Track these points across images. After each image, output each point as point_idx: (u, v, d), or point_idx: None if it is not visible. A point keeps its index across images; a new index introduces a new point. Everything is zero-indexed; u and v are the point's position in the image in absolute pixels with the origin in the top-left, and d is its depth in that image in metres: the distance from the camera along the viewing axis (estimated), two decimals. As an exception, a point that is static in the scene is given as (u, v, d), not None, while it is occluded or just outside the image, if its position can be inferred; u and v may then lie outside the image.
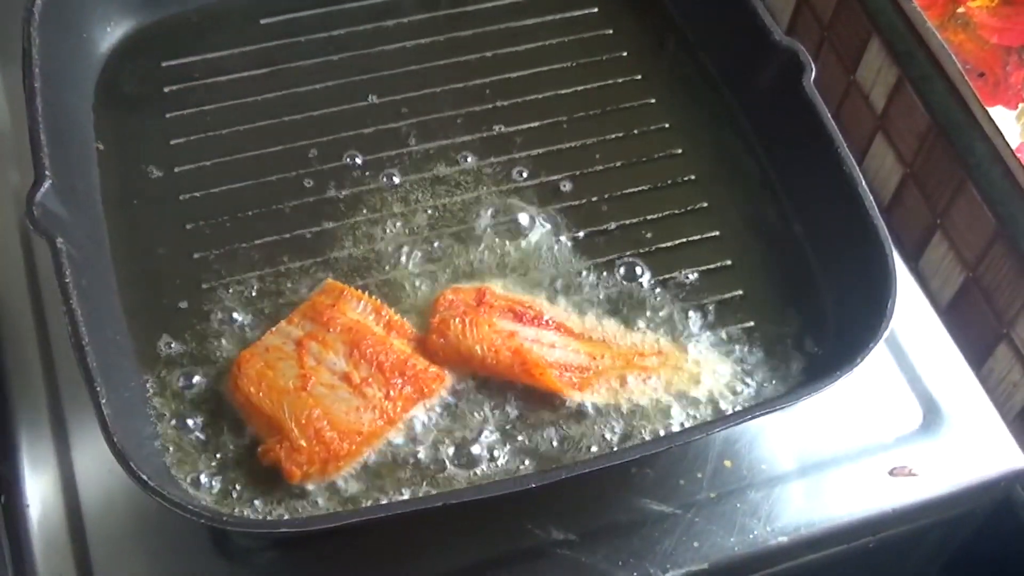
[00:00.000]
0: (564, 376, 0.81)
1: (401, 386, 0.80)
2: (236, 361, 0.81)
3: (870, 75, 1.06)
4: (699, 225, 0.93)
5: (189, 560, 0.77)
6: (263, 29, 1.02)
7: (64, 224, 0.80)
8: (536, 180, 0.95)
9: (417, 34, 1.04)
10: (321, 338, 0.81)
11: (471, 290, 0.85)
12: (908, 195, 1.04)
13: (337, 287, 0.84)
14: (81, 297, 0.77)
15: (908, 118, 1.01)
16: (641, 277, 0.89)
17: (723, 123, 0.99)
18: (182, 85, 0.98)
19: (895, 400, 0.87)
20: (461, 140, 0.97)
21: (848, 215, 0.85)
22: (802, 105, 0.89)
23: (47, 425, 0.83)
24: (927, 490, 0.83)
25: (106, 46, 0.99)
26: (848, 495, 0.83)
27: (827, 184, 0.87)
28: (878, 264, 0.82)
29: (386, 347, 0.81)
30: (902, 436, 0.86)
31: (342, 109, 0.98)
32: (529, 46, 1.03)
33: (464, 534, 0.78)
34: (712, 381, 0.84)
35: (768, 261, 0.91)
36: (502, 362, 0.80)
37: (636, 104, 1.00)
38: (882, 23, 1.03)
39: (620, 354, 0.83)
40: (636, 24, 1.06)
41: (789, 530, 0.81)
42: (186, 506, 0.70)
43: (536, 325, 0.83)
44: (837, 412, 0.85)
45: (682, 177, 0.96)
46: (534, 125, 0.98)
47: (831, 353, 0.83)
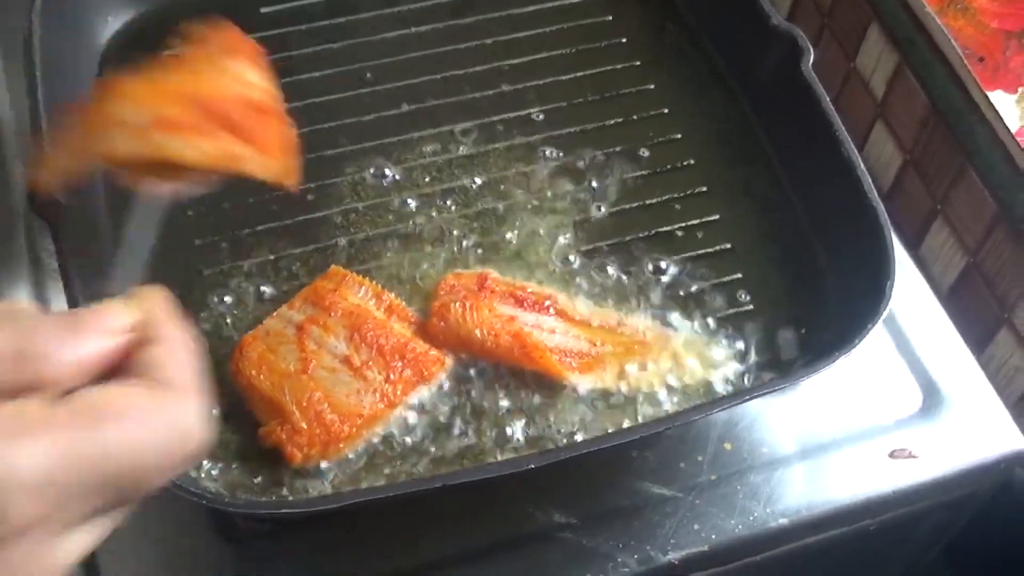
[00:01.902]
0: (564, 361, 0.81)
1: (401, 369, 0.80)
2: (238, 345, 0.81)
3: (870, 62, 1.06)
4: (698, 209, 0.93)
5: (192, 543, 0.78)
6: (263, 17, 1.03)
7: (66, 211, 0.80)
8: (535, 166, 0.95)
9: (418, 21, 1.04)
10: (322, 322, 0.81)
11: (472, 275, 0.85)
12: (908, 181, 1.04)
13: (339, 272, 0.85)
14: (83, 283, 0.77)
15: (908, 104, 1.01)
16: (640, 262, 0.89)
17: (722, 108, 0.99)
18: (182, 74, 0.99)
19: (895, 383, 0.88)
20: (461, 127, 0.97)
21: (847, 197, 0.85)
22: (801, 89, 0.89)
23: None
24: (927, 472, 0.83)
25: (106, 36, 1.00)
26: (848, 477, 0.83)
27: (826, 167, 0.87)
28: (877, 245, 0.82)
29: (387, 331, 0.81)
30: (902, 419, 0.86)
31: (343, 96, 0.98)
32: (529, 32, 1.04)
33: (466, 517, 0.79)
34: (711, 364, 0.84)
35: (768, 244, 0.91)
36: (502, 346, 0.80)
37: (635, 90, 1.00)
38: (882, 9, 1.03)
39: (620, 339, 0.84)
40: (635, 10, 1.06)
41: (790, 512, 0.81)
42: (189, 488, 0.70)
43: (536, 310, 0.84)
44: (837, 395, 0.86)
45: (681, 162, 0.96)
46: (533, 111, 0.98)
47: (831, 335, 0.83)
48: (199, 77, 0.68)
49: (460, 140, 0.96)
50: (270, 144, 0.69)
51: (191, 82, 0.68)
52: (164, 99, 0.65)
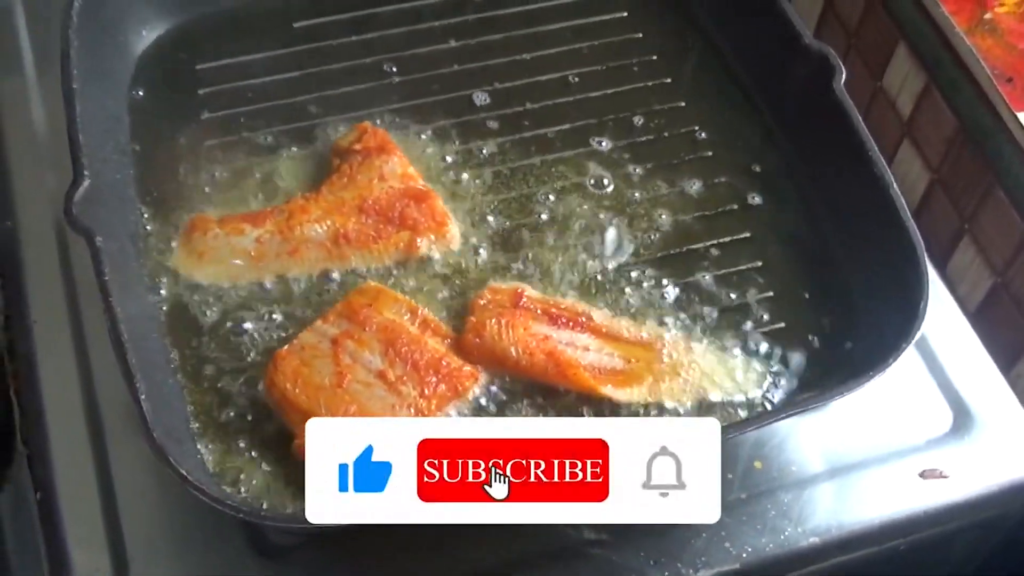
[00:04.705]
0: (598, 378, 0.82)
1: (435, 384, 0.80)
2: (272, 358, 0.81)
3: (897, 81, 1.06)
4: (730, 227, 0.93)
5: (224, 556, 0.78)
6: (296, 32, 1.03)
7: (101, 223, 0.81)
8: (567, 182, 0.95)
9: (448, 37, 1.04)
10: (357, 336, 0.81)
11: (507, 290, 0.85)
12: (935, 201, 1.04)
13: (373, 287, 0.85)
14: (118, 295, 0.78)
15: (935, 124, 1.02)
16: (672, 278, 0.89)
17: (752, 125, 0.99)
18: (216, 87, 0.99)
19: (925, 403, 0.88)
20: (496, 142, 0.97)
21: (879, 216, 0.86)
22: (832, 108, 0.89)
23: (83, 422, 0.83)
24: (958, 492, 0.84)
25: (141, 49, 1.00)
26: (879, 497, 0.83)
27: (858, 186, 0.88)
28: (910, 265, 0.82)
29: (421, 346, 0.81)
30: (932, 439, 0.86)
31: (373, 112, 0.98)
32: (559, 49, 1.04)
33: (498, 532, 0.78)
34: (743, 382, 0.84)
35: (799, 262, 0.91)
36: (536, 364, 0.81)
37: (665, 107, 1.01)
38: (909, 29, 1.03)
39: (653, 356, 0.84)
40: (665, 28, 1.07)
41: (820, 531, 0.81)
42: (226, 502, 0.71)
43: (570, 328, 0.84)
44: (867, 414, 0.86)
45: (712, 179, 0.96)
46: (564, 127, 0.99)
47: (861, 354, 0.83)
48: (362, 188, 0.88)
49: (487, 156, 0.96)
50: (430, 223, 0.88)
51: (357, 194, 0.87)
52: (339, 216, 0.86)
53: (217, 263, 0.87)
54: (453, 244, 0.89)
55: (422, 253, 0.88)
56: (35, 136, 0.98)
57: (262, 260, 0.87)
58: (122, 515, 0.79)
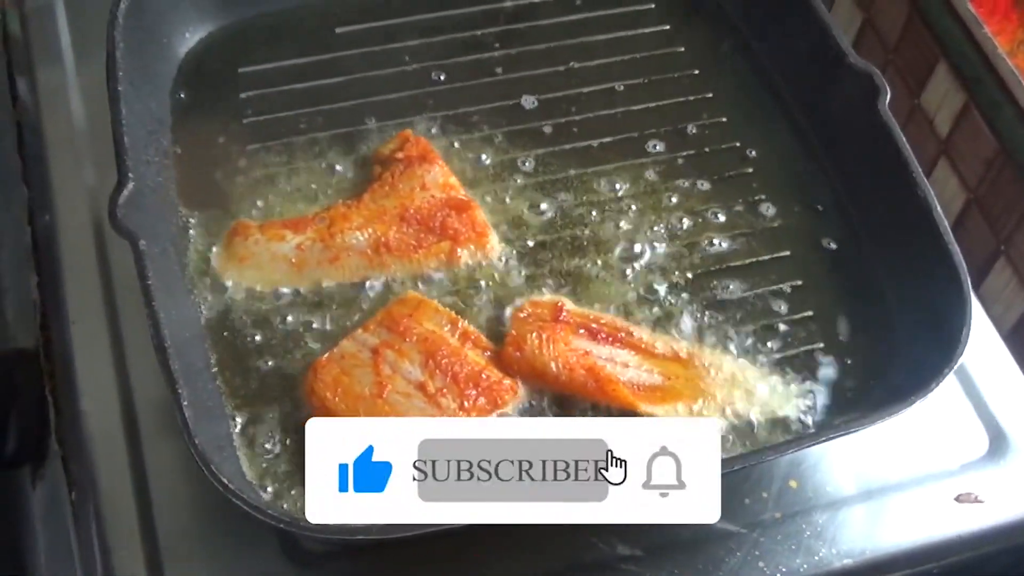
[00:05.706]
0: (637, 394, 0.82)
1: (475, 397, 0.80)
2: (312, 366, 0.82)
3: (935, 99, 1.06)
4: (770, 245, 0.93)
5: (258, 562, 0.78)
6: (339, 38, 1.03)
7: (144, 226, 0.81)
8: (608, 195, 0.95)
9: (489, 47, 1.05)
10: (397, 347, 0.81)
11: (548, 304, 0.85)
12: (971, 220, 1.04)
13: (414, 298, 0.85)
14: (161, 299, 0.78)
15: (973, 143, 1.01)
16: (712, 297, 0.89)
17: (794, 143, 0.99)
18: (258, 91, 1.00)
19: (961, 426, 0.88)
20: (535, 152, 0.97)
21: (921, 239, 0.85)
22: (876, 128, 0.89)
23: (119, 421, 0.84)
24: (993, 517, 0.83)
25: (184, 51, 1.01)
26: (914, 520, 0.83)
27: (900, 208, 0.88)
28: (952, 290, 0.82)
29: (461, 358, 0.81)
30: (968, 462, 0.86)
31: (414, 119, 0.99)
32: (601, 62, 1.04)
33: (530, 546, 0.79)
34: (781, 401, 0.84)
35: (838, 283, 0.91)
36: (576, 379, 0.81)
37: (707, 122, 1.00)
38: (950, 48, 1.03)
39: (692, 374, 0.84)
40: (706, 42, 1.06)
41: (855, 553, 0.81)
42: (266, 511, 0.71)
43: (610, 343, 0.84)
44: (902, 437, 0.86)
45: (752, 197, 0.96)
46: (607, 140, 0.99)
47: (900, 377, 0.83)
48: (404, 197, 0.88)
49: (524, 169, 0.96)
50: (470, 232, 0.88)
51: (399, 202, 0.88)
52: (380, 224, 0.86)
53: (258, 268, 0.87)
54: (493, 255, 0.89)
55: (462, 263, 0.88)
56: (74, 131, 0.98)
57: (303, 267, 0.87)
58: (156, 517, 0.80)
